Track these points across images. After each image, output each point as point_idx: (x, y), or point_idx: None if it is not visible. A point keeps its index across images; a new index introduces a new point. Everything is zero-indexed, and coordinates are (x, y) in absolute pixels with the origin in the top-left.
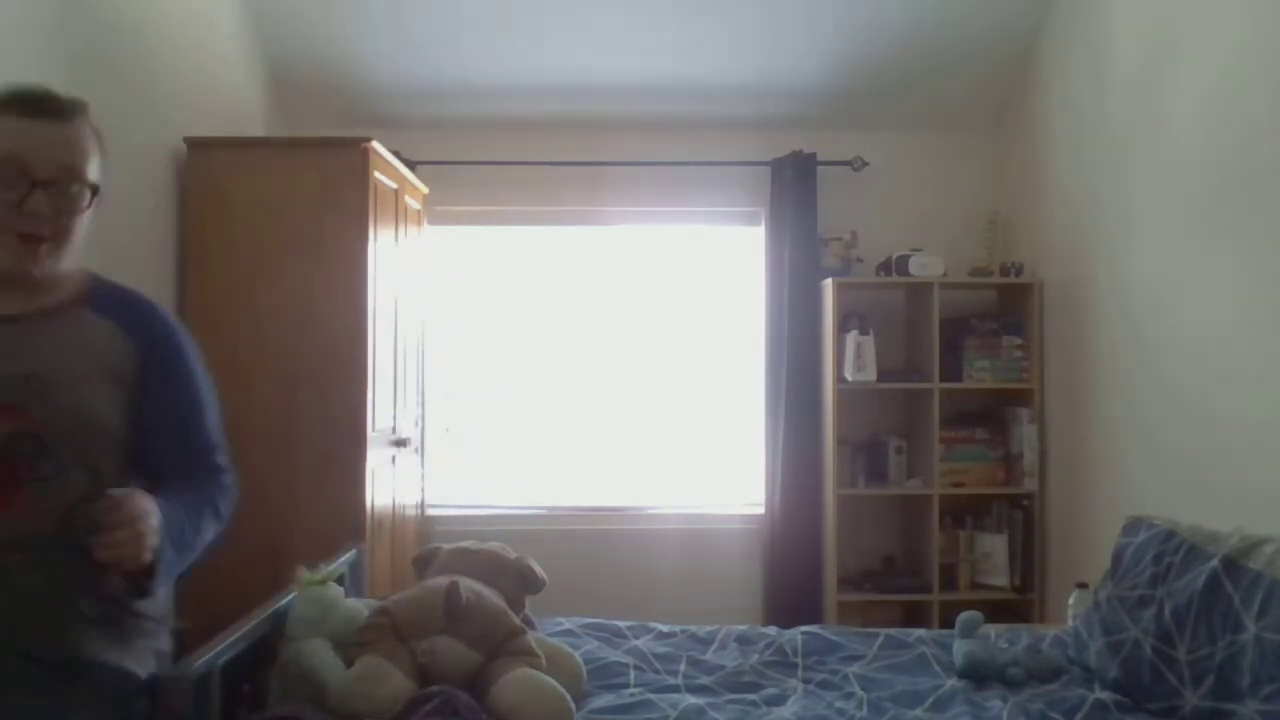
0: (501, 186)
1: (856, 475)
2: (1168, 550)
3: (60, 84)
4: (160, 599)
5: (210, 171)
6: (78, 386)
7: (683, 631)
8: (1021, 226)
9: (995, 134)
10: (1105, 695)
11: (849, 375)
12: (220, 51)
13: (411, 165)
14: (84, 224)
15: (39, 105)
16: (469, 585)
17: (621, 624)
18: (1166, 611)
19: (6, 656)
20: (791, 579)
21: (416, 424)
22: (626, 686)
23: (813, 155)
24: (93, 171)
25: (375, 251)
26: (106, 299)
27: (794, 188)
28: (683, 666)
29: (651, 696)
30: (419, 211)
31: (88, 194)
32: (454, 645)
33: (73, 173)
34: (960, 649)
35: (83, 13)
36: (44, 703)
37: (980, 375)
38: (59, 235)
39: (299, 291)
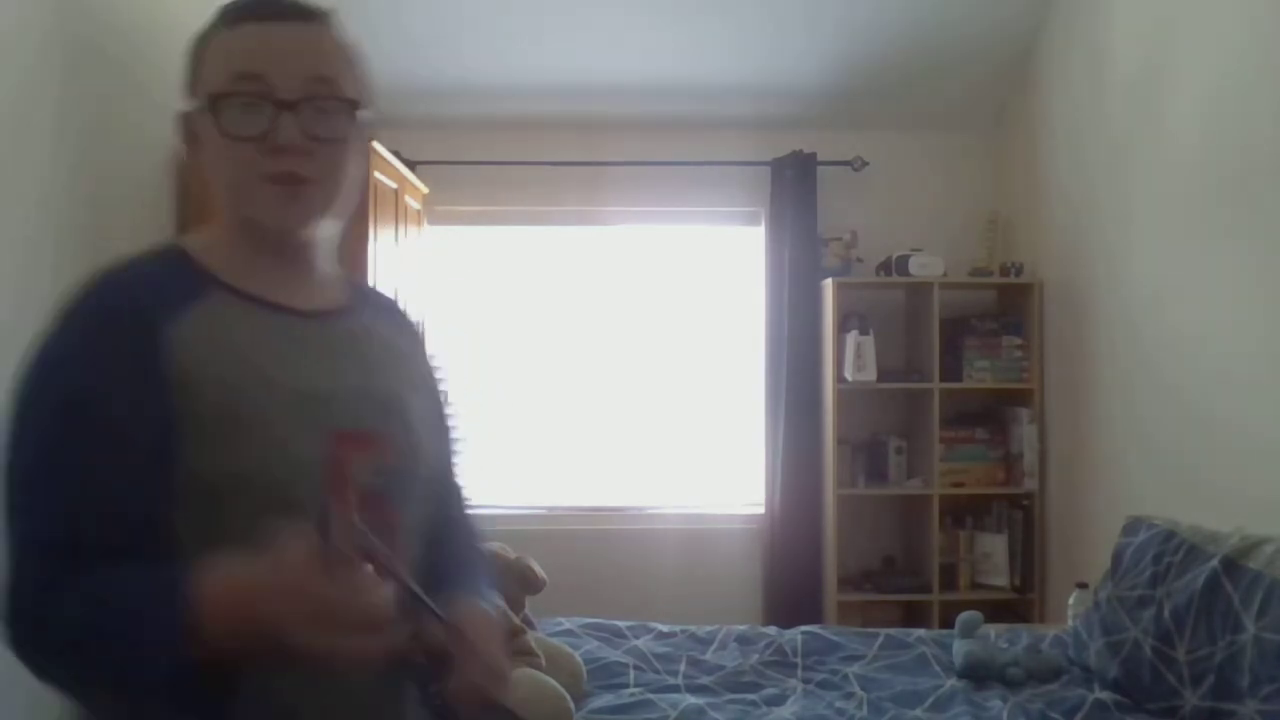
0: (502, 186)
1: (856, 475)
2: (1168, 550)
3: (58, 82)
4: None
5: None
6: (415, 411)
7: (683, 631)
8: (1021, 226)
9: (995, 134)
10: (1105, 695)
11: (849, 375)
12: None
13: (411, 165)
14: (351, 167)
15: (274, 5)
16: None
17: (621, 624)
18: (1166, 611)
19: None
20: (791, 579)
21: None
22: (626, 686)
23: (813, 155)
24: (351, 87)
25: (375, 251)
26: (379, 298)
27: (794, 188)
28: (683, 666)
29: (651, 696)
30: (419, 211)
31: (349, 117)
32: None
33: (326, 85)
34: (960, 649)
35: (82, 11)
36: None
37: (980, 375)
38: (323, 175)
39: None
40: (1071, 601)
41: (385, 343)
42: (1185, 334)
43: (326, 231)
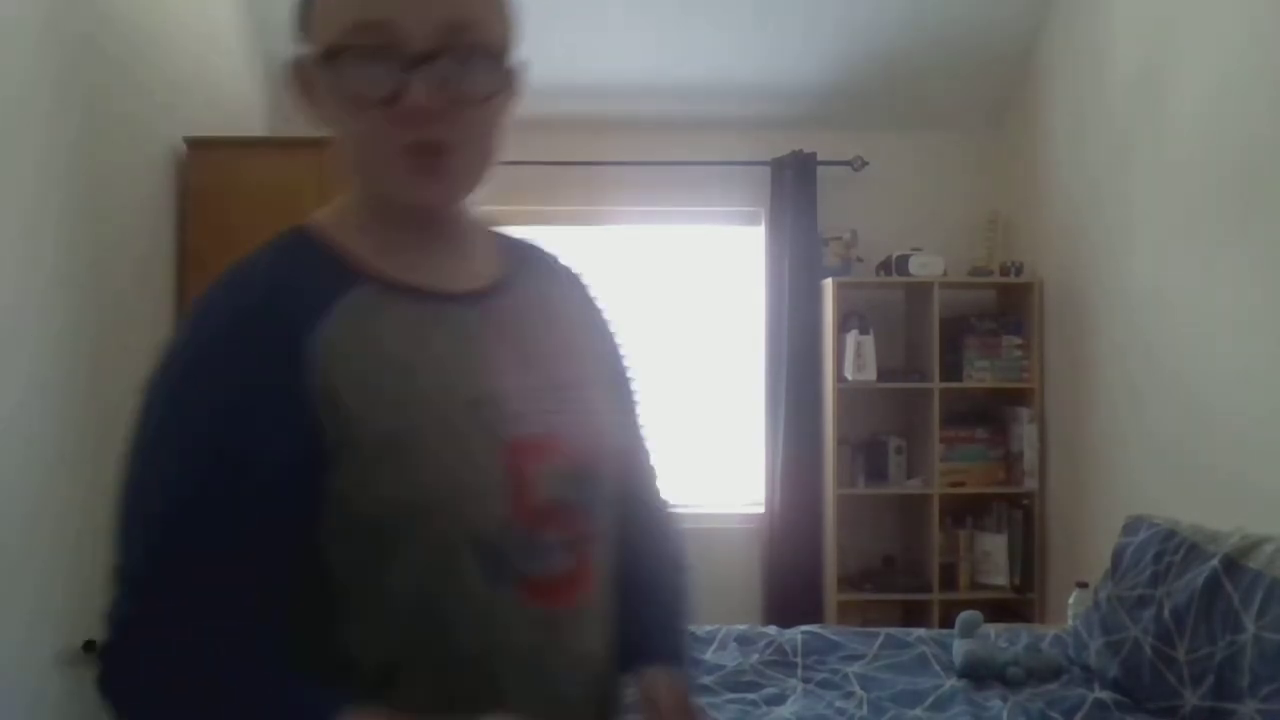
0: (502, 186)
1: (856, 475)
2: (1168, 550)
3: (58, 82)
4: None
5: (210, 171)
6: (594, 393)
7: None
8: (1021, 226)
9: (995, 134)
10: (1105, 695)
11: (849, 375)
12: (221, 51)
13: None
14: (501, 122)
15: None
16: None
17: None
18: (1166, 611)
19: None
20: (791, 579)
21: None
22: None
23: (813, 155)
24: (498, 29)
25: None
26: (540, 261)
27: (794, 187)
28: None
29: None
30: None
31: (496, 67)
32: None
33: (466, 32)
34: (960, 649)
35: (81, 10)
36: None
37: (980, 375)
38: (467, 141)
39: None
40: (1071, 601)
41: (553, 315)
42: (1185, 333)
43: (465, 195)
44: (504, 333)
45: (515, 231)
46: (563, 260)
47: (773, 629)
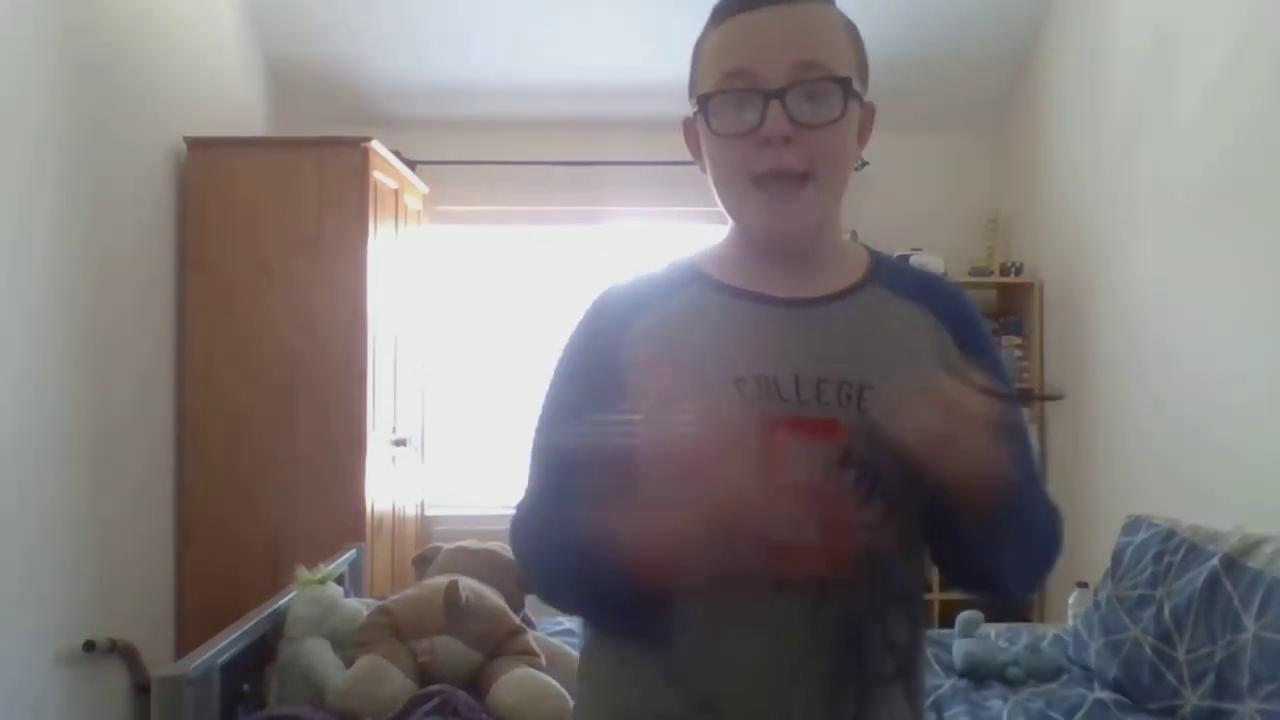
0: (502, 186)
1: None
2: (1168, 550)
3: (59, 83)
4: None
5: (210, 171)
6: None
7: None
8: (1022, 226)
9: (996, 133)
10: (1105, 695)
11: None
12: (221, 51)
13: (412, 165)
14: (850, 148)
15: None
16: (469, 585)
17: None
18: (1166, 611)
19: None
20: None
21: (416, 424)
22: None
23: None
24: (843, 65)
25: (375, 251)
26: (900, 276)
27: None
28: None
29: None
30: (419, 211)
31: (840, 96)
32: (454, 645)
33: (812, 68)
34: (960, 648)
35: (81, 10)
36: None
37: None
38: (814, 165)
39: (299, 291)
40: (1071, 601)
41: (882, 328)
42: (1185, 334)
43: (822, 217)
44: (809, 333)
45: (507, 231)
46: (938, 289)
47: None
